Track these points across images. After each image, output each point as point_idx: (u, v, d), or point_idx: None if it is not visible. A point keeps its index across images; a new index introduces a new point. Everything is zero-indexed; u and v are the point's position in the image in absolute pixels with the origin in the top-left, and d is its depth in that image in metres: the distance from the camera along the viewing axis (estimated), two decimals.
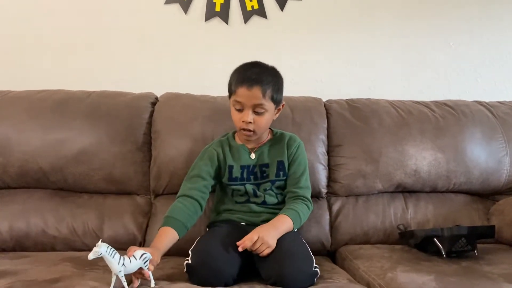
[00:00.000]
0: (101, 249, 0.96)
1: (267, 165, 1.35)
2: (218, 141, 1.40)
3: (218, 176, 1.36)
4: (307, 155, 1.45)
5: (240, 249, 1.11)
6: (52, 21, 1.93)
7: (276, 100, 1.30)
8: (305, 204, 1.31)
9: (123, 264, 0.98)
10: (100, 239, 1.01)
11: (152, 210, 1.53)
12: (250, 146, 1.37)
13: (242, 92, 1.24)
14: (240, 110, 1.27)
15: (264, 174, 1.35)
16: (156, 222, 1.49)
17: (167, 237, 1.18)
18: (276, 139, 1.39)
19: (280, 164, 1.35)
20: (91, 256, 0.95)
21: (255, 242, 1.11)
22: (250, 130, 1.28)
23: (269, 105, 1.27)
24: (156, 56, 1.95)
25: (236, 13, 1.96)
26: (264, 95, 1.24)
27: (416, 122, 1.61)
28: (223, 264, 1.08)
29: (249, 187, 1.33)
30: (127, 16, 1.95)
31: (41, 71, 1.92)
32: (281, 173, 1.34)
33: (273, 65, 1.33)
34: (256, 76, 1.25)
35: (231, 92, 1.30)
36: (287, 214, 1.24)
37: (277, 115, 1.36)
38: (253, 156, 1.36)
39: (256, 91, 1.23)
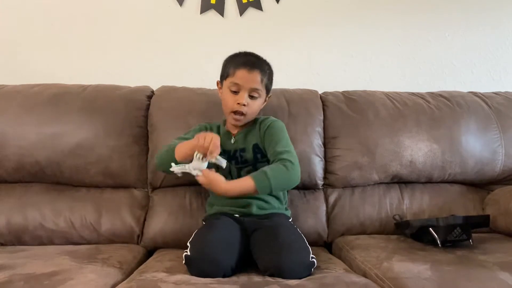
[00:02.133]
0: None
1: (243, 150, 1.37)
2: (208, 123, 1.46)
3: None
4: (303, 147, 1.45)
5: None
6: (47, 15, 1.92)
7: (268, 89, 1.37)
8: (282, 164, 1.24)
9: None
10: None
11: (149, 203, 1.54)
12: (233, 132, 1.41)
13: (242, 74, 1.29)
14: (235, 93, 1.31)
15: (243, 159, 1.37)
16: (153, 215, 1.49)
17: None
18: (253, 124, 1.41)
19: (256, 147, 1.37)
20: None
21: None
22: (242, 114, 1.32)
23: (263, 92, 1.34)
24: (152, 49, 1.94)
25: (231, 5, 1.95)
26: (261, 81, 1.31)
27: (411, 114, 1.61)
28: (221, 255, 1.09)
29: (234, 169, 1.36)
30: (122, 9, 1.93)
31: (36, 65, 1.91)
32: (259, 155, 1.36)
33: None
34: (256, 61, 1.32)
35: (227, 74, 1.33)
36: (251, 174, 1.22)
37: (263, 105, 1.41)
38: (232, 140, 1.39)
39: (256, 75, 1.30)
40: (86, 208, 1.48)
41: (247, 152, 1.37)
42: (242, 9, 1.95)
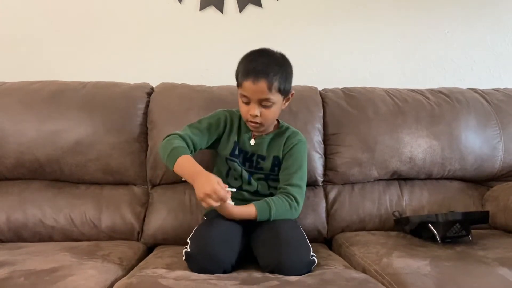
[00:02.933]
0: None
1: (263, 158, 1.35)
2: (232, 111, 1.39)
3: (216, 140, 1.36)
4: None
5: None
6: (46, 12, 1.91)
7: (284, 90, 1.26)
8: (287, 201, 1.26)
9: None
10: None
11: (149, 200, 1.54)
12: (255, 132, 1.35)
13: (248, 86, 1.21)
14: (247, 103, 1.25)
15: (259, 166, 1.35)
16: (153, 211, 1.50)
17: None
18: (279, 133, 1.37)
19: (276, 159, 1.34)
20: None
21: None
22: (257, 123, 1.27)
23: (276, 98, 1.24)
24: (151, 46, 1.94)
25: (231, 2, 1.94)
26: (270, 89, 1.21)
27: (411, 110, 1.61)
28: (222, 251, 1.09)
29: (245, 173, 1.34)
30: (122, 6, 1.93)
31: (35, 62, 1.91)
32: (276, 168, 1.34)
33: (281, 52, 1.30)
34: (262, 68, 1.21)
35: (237, 83, 1.28)
36: (255, 204, 1.22)
37: (287, 104, 1.34)
38: (252, 142, 1.35)
39: (262, 85, 1.20)
40: (86, 205, 1.48)
41: (266, 161, 1.34)
42: (241, 5, 1.94)
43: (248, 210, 1.21)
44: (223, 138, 1.36)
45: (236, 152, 1.34)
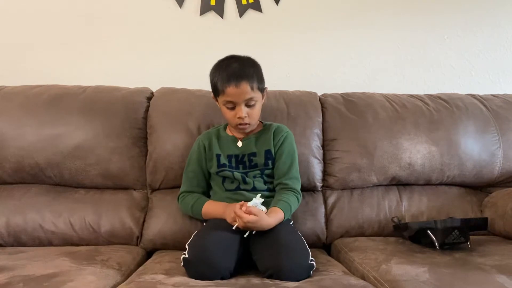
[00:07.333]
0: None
1: (254, 154, 1.38)
2: (206, 133, 1.46)
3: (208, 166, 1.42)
4: (302, 149, 1.45)
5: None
6: (46, 16, 1.92)
7: (261, 88, 1.35)
8: (295, 196, 1.34)
9: None
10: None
11: (149, 205, 1.54)
12: (238, 136, 1.41)
13: (231, 91, 1.27)
14: (232, 108, 1.31)
15: (252, 163, 1.38)
16: (153, 216, 1.50)
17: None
18: (265, 129, 1.44)
19: (268, 153, 1.38)
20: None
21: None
22: (246, 123, 1.33)
23: (257, 95, 1.32)
24: (151, 51, 1.95)
25: (231, 7, 1.95)
26: (252, 88, 1.29)
27: (410, 116, 1.61)
28: (220, 257, 1.10)
29: (238, 174, 1.36)
30: (122, 10, 1.93)
31: (36, 66, 1.91)
32: (269, 162, 1.38)
33: (247, 56, 1.36)
34: (240, 71, 1.28)
35: (217, 92, 1.33)
36: (279, 207, 1.26)
37: (264, 99, 1.40)
38: (239, 144, 1.39)
39: (245, 87, 1.27)
40: (85, 209, 1.48)
41: (258, 156, 1.37)
42: (241, 10, 1.95)
43: (278, 215, 1.24)
44: (208, 159, 1.41)
45: (222, 162, 1.38)
